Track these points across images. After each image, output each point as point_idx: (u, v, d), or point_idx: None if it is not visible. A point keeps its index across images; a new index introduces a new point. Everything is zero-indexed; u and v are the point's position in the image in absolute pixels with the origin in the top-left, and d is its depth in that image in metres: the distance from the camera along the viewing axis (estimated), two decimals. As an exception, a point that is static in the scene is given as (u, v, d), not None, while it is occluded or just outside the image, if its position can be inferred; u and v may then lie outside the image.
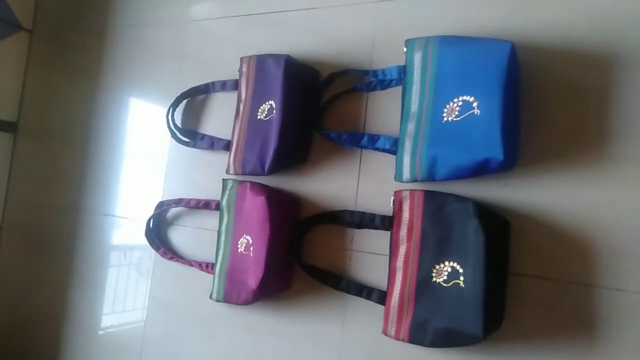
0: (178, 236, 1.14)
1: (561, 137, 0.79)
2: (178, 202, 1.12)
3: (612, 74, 0.77)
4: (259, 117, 1.01)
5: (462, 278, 0.77)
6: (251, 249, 0.94)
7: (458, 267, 0.78)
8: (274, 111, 0.97)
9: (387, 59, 0.94)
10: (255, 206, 0.94)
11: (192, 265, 1.08)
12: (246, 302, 0.95)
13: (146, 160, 1.22)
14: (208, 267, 1.06)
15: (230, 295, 0.98)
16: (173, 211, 1.16)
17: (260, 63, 1.02)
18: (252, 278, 0.91)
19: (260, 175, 0.99)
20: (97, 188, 1.28)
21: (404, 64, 0.90)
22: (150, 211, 1.15)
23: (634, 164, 0.74)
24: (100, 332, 1.24)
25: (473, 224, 0.76)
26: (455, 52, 0.82)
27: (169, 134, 1.16)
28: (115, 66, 1.31)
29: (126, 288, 1.21)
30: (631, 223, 0.74)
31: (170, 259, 1.11)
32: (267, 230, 0.91)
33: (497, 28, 0.86)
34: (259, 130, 1.00)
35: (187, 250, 1.12)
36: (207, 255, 1.08)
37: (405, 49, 0.89)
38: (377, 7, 0.98)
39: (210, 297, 1.01)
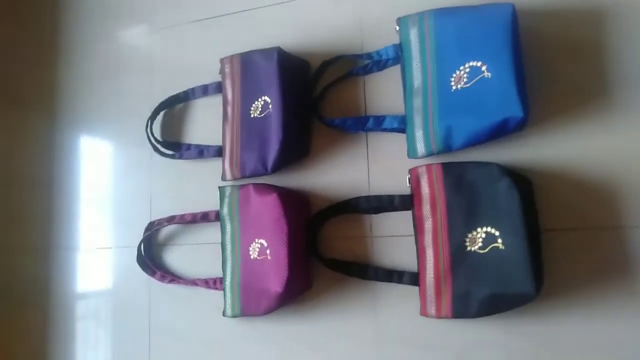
0: (174, 257, 1.05)
1: (565, 93, 0.82)
2: (170, 219, 1.04)
3: (604, 26, 0.81)
4: (252, 116, 0.96)
5: (500, 240, 0.76)
6: (267, 252, 0.88)
7: (493, 230, 0.77)
8: (270, 106, 0.93)
9: (378, 41, 0.94)
10: (266, 206, 0.88)
11: (196, 284, 0.99)
12: (269, 310, 0.88)
13: (126, 183, 1.12)
14: (216, 283, 0.97)
15: (249, 307, 0.91)
16: (165, 232, 1.07)
17: (245, 60, 0.98)
18: (275, 282, 0.85)
19: (263, 175, 0.94)
20: (71, 222, 1.16)
21: (397, 42, 0.90)
22: (139, 236, 1.06)
23: (636, 108, 0.78)
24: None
25: (505, 183, 0.76)
26: (453, 21, 0.83)
27: (149, 150, 1.08)
28: (73, 89, 1.20)
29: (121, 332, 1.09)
30: (644, 162, 0.77)
31: (171, 281, 1.02)
32: (285, 228, 0.85)
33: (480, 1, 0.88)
34: (255, 129, 0.95)
35: (187, 270, 1.04)
36: (212, 272, 1.00)
37: (397, 28, 0.89)
38: (359, -8, 0.98)
39: (224, 315, 0.93)
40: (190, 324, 1.01)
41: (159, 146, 1.07)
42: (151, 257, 1.06)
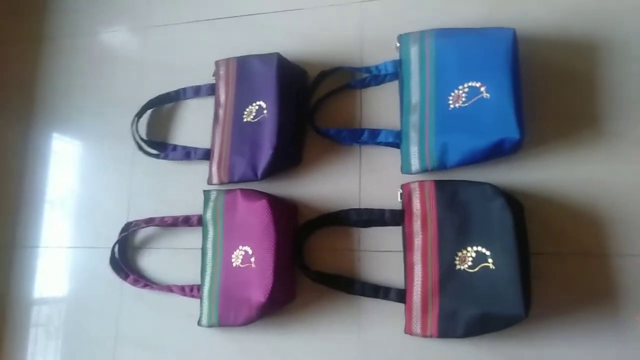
0: (150, 261, 1.00)
1: (558, 120, 0.84)
2: (149, 221, 0.99)
3: (597, 59, 0.84)
4: (245, 120, 0.94)
5: (490, 260, 0.76)
6: (252, 259, 0.85)
7: (484, 250, 0.77)
8: (265, 111, 0.91)
9: (377, 57, 0.94)
10: (254, 212, 0.86)
11: (171, 290, 0.95)
12: (248, 321, 0.84)
13: (104, 182, 1.07)
14: (192, 290, 0.93)
15: (227, 316, 0.87)
16: (142, 234, 1.02)
17: (242, 64, 0.97)
18: (258, 291, 0.82)
19: (252, 181, 0.91)
20: (39, 220, 1.10)
21: (397, 59, 0.91)
22: (113, 237, 1.00)
23: (626, 139, 0.81)
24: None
25: (498, 203, 0.76)
26: (454, 42, 0.84)
27: (131, 148, 1.04)
28: (53, 83, 1.16)
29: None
30: (631, 192, 0.79)
31: (144, 286, 0.96)
32: (273, 235, 0.83)
33: (482, 24, 0.90)
34: (247, 134, 0.93)
35: (163, 276, 0.99)
36: (189, 278, 0.95)
37: (398, 44, 0.90)
38: (361, 7, 0.98)
39: (199, 324, 0.89)
40: (161, 332, 0.96)
41: (143, 145, 1.03)
42: (125, 259, 1.01)
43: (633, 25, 0.83)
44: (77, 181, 1.09)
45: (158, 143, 1.04)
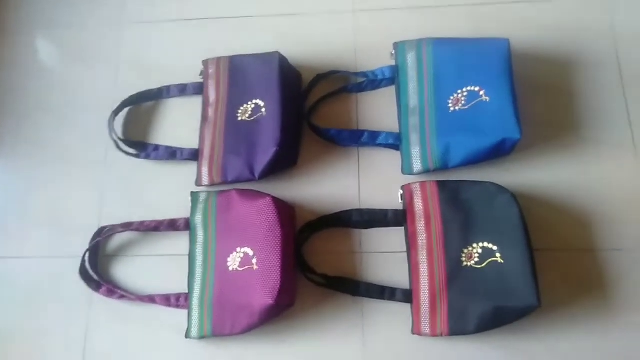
0: (127, 270, 0.90)
1: (542, 126, 0.90)
2: (127, 226, 0.90)
3: (573, 72, 0.93)
4: (240, 119, 0.90)
5: (498, 255, 0.78)
6: (253, 261, 0.80)
7: (491, 245, 0.79)
8: (263, 109, 0.89)
9: (372, 63, 0.96)
10: (257, 211, 0.81)
11: (154, 301, 0.85)
12: (249, 328, 0.78)
13: (71, 185, 0.96)
14: (179, 299, 0.85)
15: (222, 325, 0.80)
16: (118, 240, 0.92)
17: (236, 63, 0.94)
18: (262, 293, 0.76)
19: (248, 181, 0.87)
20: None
21: (393, 65, 0.93)
22: (80, 245, 0.90)
23: (604, 144, 0.89)
24: None
25: (504, 198, 0.79)
26: (452, 49, 0.88)
27: (103, 148, 0.95)
28: (16, 79, 1.04)
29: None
30: (611, 191, 0.86)
31: (121, 298, 0.86)
32: (279, 233, 0.79)
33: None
34: (242, 133, 0.89)
35: (143, 286, 0.89)
36: (174, 287, 0.87)
37: (393, 52, 0.93)
38: (354, 16, 1.01)
39: (187, 337, 0.81)
40: (140, 349, 0.85)
41: (121, 144, 0.95)
42: (96, 269, 0.90)
43: (604, 40, 0.94)
44: (40, 186, 0.97)
45: (137, 143, 0.96)
